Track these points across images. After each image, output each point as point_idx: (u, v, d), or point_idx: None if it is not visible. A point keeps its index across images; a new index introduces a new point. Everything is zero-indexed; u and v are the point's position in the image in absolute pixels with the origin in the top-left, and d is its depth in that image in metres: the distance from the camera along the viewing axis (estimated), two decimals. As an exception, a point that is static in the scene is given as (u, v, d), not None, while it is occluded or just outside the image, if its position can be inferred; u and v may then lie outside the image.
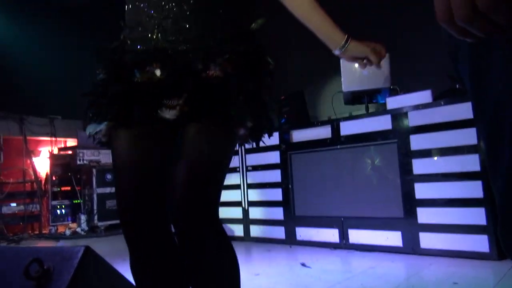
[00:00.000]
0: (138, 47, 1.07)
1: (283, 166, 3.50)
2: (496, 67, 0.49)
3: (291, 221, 3.42)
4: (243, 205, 3.77)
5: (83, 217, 4.99)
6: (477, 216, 2.47)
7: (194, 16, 1.06)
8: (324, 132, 3.29)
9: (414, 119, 2.79)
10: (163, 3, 1.06)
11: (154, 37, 1.06)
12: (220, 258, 1.02)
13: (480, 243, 2.45)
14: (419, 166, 2.74)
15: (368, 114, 3.10)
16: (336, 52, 1.21)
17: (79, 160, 5.16)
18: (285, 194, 3.48)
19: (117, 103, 1.04)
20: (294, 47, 4.53)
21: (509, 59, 0.47)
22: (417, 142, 2.76)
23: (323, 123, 3.32)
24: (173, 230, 1.04)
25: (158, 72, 1.03)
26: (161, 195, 1.03)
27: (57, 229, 5.29)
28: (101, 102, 1.07)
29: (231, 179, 3.80)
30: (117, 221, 4.49)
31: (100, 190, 4.99)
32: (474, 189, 2.49)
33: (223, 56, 1.04)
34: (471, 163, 2.51)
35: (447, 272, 2.22)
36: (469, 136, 2.53)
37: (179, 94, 1.01)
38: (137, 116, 1.03)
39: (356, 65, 3.38)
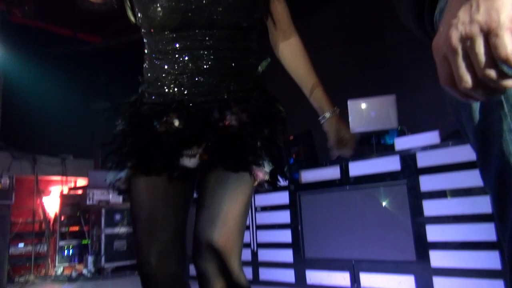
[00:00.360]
0: (156, 99, 1.13)
1: (292, 206, 3.49)
2: (496, 139, 0.51)
3: (301, 264, 3.36)
4: (252, 247, 3.72)
5: (90, 259, 4.95)
6: (492, 260, 2.41)
7: (208, 70, 1.11)
8: (333, 172, 3.30)
9: (422, 160, 2.80)
10: (179, 59, 1.11)
11: (171, 91, 1.11)
12: None
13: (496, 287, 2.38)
14: (430, 207, 2.71)
15: (377, 155, 3.12)
16: (321, 119, 1.30)
17: (89, 200, 5.19)
18: (294, 235, 3.45)
19: (137, 152, 1.08)
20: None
21: (507, 132, 0.50)
22: (426, 183, 2.75)
23: (332, 164, 3.34)
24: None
25: (176, 122, 1.07)
26: (179, 245, 1.05)
27: (63, 270, 5.24)
28: (121, 151, 1.11)
29: (240, 220, 3.78)
30: (125, 263, 4.43)
31: (109, 231, 4.98)
32: (487, 231, 2.45)
33: (238, 106, 1.09)
34: (483, 204, 2.48)
35: (463, 320, 2.14)
36: (479, 177, 2.51)
37: (199, 143, 1.05)
38: (158, 164, 1.06)
39: (363, 105, 3.45)
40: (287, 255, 3.46)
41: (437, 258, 2.63)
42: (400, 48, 4.20)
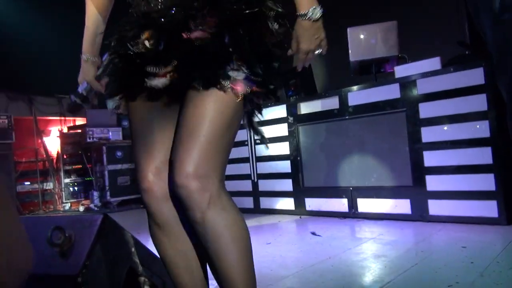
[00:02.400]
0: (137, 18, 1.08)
1: (291, 138, 3.52)
2: None
3: (300, 192, 3.46)
4: (253, 178, 3.81)
5: (95, 194, 5.09)
6: (487, 182, 2.48)
7: None
8: (331, 103, 3.28)
9: (422, 87, 2.77)
10: None
11: (153, 5, 1.06)
12: (225, 223, 0.97)
13: (489, 208, 2.47)
14: (428, 134, 2.74)
15: (376, 84, 3.08)
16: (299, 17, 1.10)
17: (89, 138, 5.22)
18: (293, 166, 3.51)
19: (118, 80, 1.09)
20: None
21: None
22: (426, 110, 2.75)
23: (330, 94, 3.31)
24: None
25: (147, 42, 1.01)
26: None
27: (71, 205, 5.42)
28: (110, 79, 1.11)
29: (240, 152, 3.83)
30: (129, 197, 4.57)
31: (111, 167, 5.07)
32: (484, 155, 2.49)
33: (207, 11, 0.97)
34: (481, 129, 2.50)
35: (455, 237, 2.25)
36: (478, 103, 2.51)
37: (167, 62, 0.98)
38: (131, 89, 1.05)
39: (363, 33, 3.34)
40: (286, 185, 3.55)
41: (433, 182, 2.70)
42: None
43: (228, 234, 0.95)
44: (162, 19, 1.02)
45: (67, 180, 5.44)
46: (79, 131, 5.60)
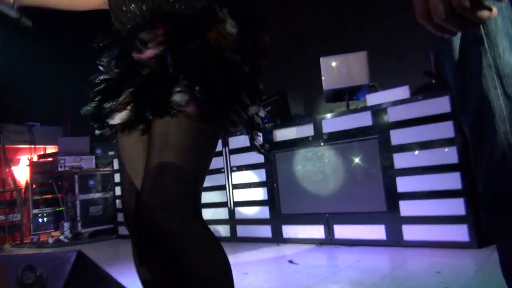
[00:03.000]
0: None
1: (268, 165, 3.54)
2: (476, 76, 0.52)
3: (277, 220, 3.46)
4: (229, 206, 3.78)
5: (66, 225, 4.91)
6: (457, 206, 2.55)
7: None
8: (306, 130, 3.34)
9: (393, 115, 2.86)
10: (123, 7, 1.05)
11: (119, 26, 1.06)
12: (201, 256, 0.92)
13: (460, 232, 2.53)
14: (400, 160, 2.81)
15: (349, 111, 3.16)
16: None
17: (61, 167, 5.08)
18: (270, 193, 3.52)
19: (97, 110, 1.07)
20: (274, 48, 4.57)
21: (487, 68, 0.51)
22: (397, 137, 2.83)
23: (305, 122, 3.37)
24: None
25: (114, 67, 1.01)
26: None
27: (39, 237, 5.19)
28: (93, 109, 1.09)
29: (216, 180, 3.81)
30: (102, 227, 4.42)
31: (83, 197, 4.93)
32: (453, 180, 2.58)
33: (155, 23, 0.94)
34: (450, 155, 2.59)
35: (430, 262, 2.29)
36: (446, 130, 2.61)
37: (119, 94, 0.96)
38: (96, 125, 1.06)
39: (335, 62, 3.45)
40: (263, 212, 3.54)
41: (406, 208, 2.76)
42: (371, 5, 4.18)
43: (203, 272, 0.90)
44: (125, 36, 1.01)
45: (36, 211, 5.23)
46: (50, 159, 5.45)
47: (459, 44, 0.55)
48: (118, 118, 0.96)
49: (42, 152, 6.05)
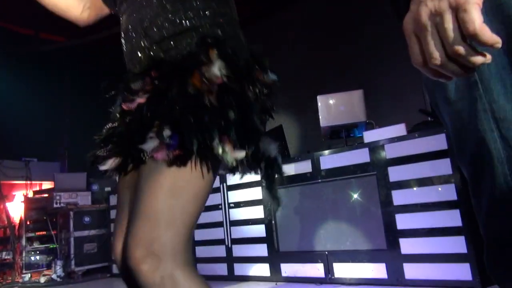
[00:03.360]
0: None
1: (265, 201, 3.51)
2: (474, 107, 0.54)
3: (275, 258, 3.39)
4: (226, 243, 3.72)
5: (59, 263, 4.79)
6: (458, 244, 2.52)
7: (131, 36, 1.07)
8: (304, 166, 3.34)
9: (390, 152, 2.88)
10: (123, 29, 1.11)
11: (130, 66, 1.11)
12: None
13: (462, 271, 2.48)
14: (398, 197, 2.80)
15: (347, 148, 3.19)
16: None
17: (56, 203, 5.02)
18: (268, 230, 3.47)
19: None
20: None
21: (482, 112, 0.53)
22: (395, 173, 2.84)
23: (303, 158, 3.38)
24: None
25: (117, 114, 1.05)
26: None
27: (31, 276, 5.05)
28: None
29: (214, 217, 3.77)
30: (96, 265, 4.31)
31: (78, 234, 4.84)
32: (453, 217, 2.56)
33: (140, 80, 0.97)
34: (448, 192, 2.59)
35: (433, 302, 2.23)
36: (444, 167, 2.62)
37: (109, 143, 1.01)
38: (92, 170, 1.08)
39: (332, 100, 3.51)
40: (261, 250, 3.48)
41: (406, 245, 2.72)
42: (367, 45, 4.30)
43: None
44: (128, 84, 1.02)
45: (28, 248, 5.12)
46: (46, 195, 5.39)
47: (453, 88, 0.57)
48: (106, 165, 1.00)
49: (38, 188, 6.00)
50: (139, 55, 1.05)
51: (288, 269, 3.31)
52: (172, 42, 1.00)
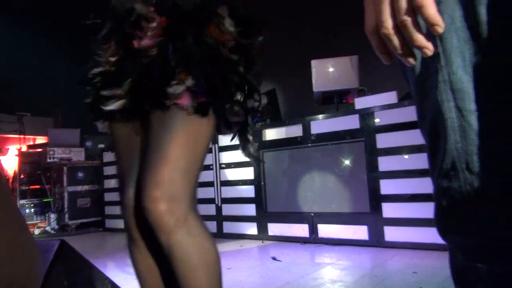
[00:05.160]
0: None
1: (256, 164, 3.58)
2: (432, 89, 0.57)
3: (263, 218, 3.51)
4: (216, 202, 3.82)
5: (53, 216, 4.91)
6: (437, 210, 2.61)
7: None
8: (295, 130, 3.39)
9: (380, 119, 2.93)
10: None
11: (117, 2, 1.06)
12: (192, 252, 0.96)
13: (439, 235, 2.59)
14: (384, 163, 2.87)
15: (338, 114, 3.22)
16: None
17: (50, 158, 5.07)
18: (257, 191, 3.56)
19: (93, 101, 1.07)
20: (266, 46, 4.61)
21: (442, 82, 0.56)
22: (383, 140, 2.90)
23: (294, 122, 3.42)
24: None
25: (111, 59, 1.01)
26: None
27: (26, 228, 5.18)
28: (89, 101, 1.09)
29: (205, 176, 3.85)
30: (89, 219, 4.40)
31: (71, 189, 4.93)
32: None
33: (150, 19, 0.94)
34: (432, 160, 2.66)
35: (408, 263, 2.36)
36: (430, 135, 2.67)
37: (120, 84, 0.97)
38: (90, 112, 1.06)
39: (327, 65, 3.50)
40: (250, 209, 3.59)
41: (388, 210, 2.82)
42: (363, 10, 4.23)
43: (195, 259, 0.95)
44: (122, 19, 0.99)
45: (23, 201, 5.22)
46: (40, 150, 5.44)
47: (419, 59, 0.60)
48: (114, 105, 0.97)
49: (31, 143, 6.03)
50: None
51: (275, 228, 3.43)
52: None
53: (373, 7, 0.51)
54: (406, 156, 2.78)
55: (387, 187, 2.84)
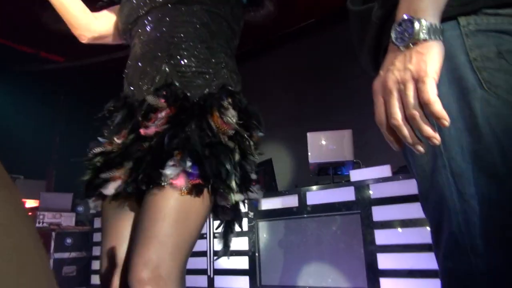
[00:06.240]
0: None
1: (251, 233, 3.53)
2: (435, 163, 0.62)
3: (257, 291, 3.38)
4: (209, 273, 3.70)
5: (36, 285, 4.67)
6: (437, 286, 2.56)
7: (142, 54, 1.11)
8: (291, 201, 3.40)
9: (375, 192, 2.96)
10: (133, 50, 1.15)
11: (125, 90, 1.14)
12: None
13: (440, 314, 2.51)
14: (381, 237, 2.86)
15: (333, 185, 3.26)
16: None
17: (39, 222, 4.95)
18: (251, 262, 3.47)
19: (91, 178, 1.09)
20: (263, 118, 4.78)
21: (442, 167, 0.61)
22: (378, 213, 2.91)
23: (290, 192, 3.44)
24: None
25: (117, 141, 1.06)
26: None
27: (5, 298, 4.90)
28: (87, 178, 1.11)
29: (198, 246, 3.76)
30: (74, 290, 4.06)
31: (58, 255, 4.75)
32: (433, 260, 2.60)
33: (160, 110, 1.02)
34: (429, 235, 2.65)
35: None
36: (425, 209, 2.69)
37: (121, 165, 1.01)
38: (89, 193, 1.07)
39: (322, 138, 3.60)
40: (243, 282, 3.47)
41: (387, 285, 2.75)
42: (357, 87, 4.46)
43: None
44: (137, 106, 1.06)
45: (5, 268, 4.98)
46: (29, 214, 5.31)
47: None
48: (112, 189, 1.00)
49: (21, 206, 5.91)
50: (156, 77, 1.07)
51: (269, 303, 3.29)
52: (191, 75, 1.07)
53: (382, 100, 0.57)
54: (400, 230, 2.78)
55: (384, 261, 2.80)
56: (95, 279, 4.65)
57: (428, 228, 2.64)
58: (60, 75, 5.84)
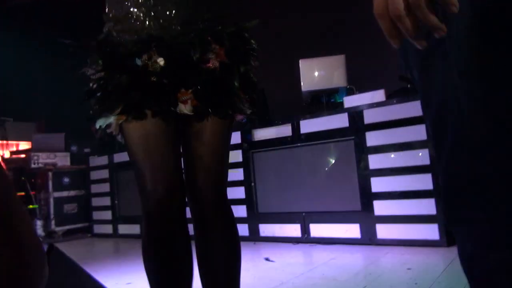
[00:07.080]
0: (129, 37, 1.06)
1: (246, 164, 3.56)
2: (438, 74, 0.56)
3: (254, 219, 3.48)
4: (206, 205, 3.78)
5: (39, 223, 4.80)
6: (428, 206, 2.63)
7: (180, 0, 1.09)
8: (285, 130, 3.38)
9: (369, 117, 2.93)
10: None
11: (147, 25, 1.05)
12: (229, 248, 1.22)
13: (430, 231, 2.61)
14: (374, 161, 2.88)
15: (327, 113, 3.22)
16: None
17: (34, 163, 4.96)
18: (248, 192, 3.54)
19: (123, 96, 1.02)
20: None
21: (448, 67, 0.55)
22: (372, 139, 2.91)
23: (283, 122, 3.41)
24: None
25: (161, 61, 1.03)
26: (181, 180, 1.13)
27: (10, 236, 5.05)
28: (108, 96, 1.04)
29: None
30: (76, 225, 4.30)
31: (57, 194, 4.83)
32: (425, 181, 2.66)
33: (216, 42, 1.09)
34: (422, 157, 2.68)
35: (401, 260, 2.36)
36: (419, 133, 2.69)
37: (187, 87, 1.05)
38: (155, 109, 1.03)
39: (314, 65, 3.49)
40: (241, 211, 3.56)
41: (380, 207, 2.83)
42: (351, 11, 4.26)
43: (227, 252, 1.20)
44: (168, 39, 1.05)
45: (7, 209, 5.08)
46: (23, 156, 5.31)
47: (424, 58, 0.59)
48: (187, 110, 1.05)
49: (14, 149, 5.89)
50: (177, 12, 1.09)
51: (266, 229, 3.41)
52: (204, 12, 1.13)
53: None
54: (392, 156, 2.80)
55: (377, 185, 2.85)
56: (97, 215, 4.78)
57: (420, 151, 2.65)
58: (41, 12, 5.51)
